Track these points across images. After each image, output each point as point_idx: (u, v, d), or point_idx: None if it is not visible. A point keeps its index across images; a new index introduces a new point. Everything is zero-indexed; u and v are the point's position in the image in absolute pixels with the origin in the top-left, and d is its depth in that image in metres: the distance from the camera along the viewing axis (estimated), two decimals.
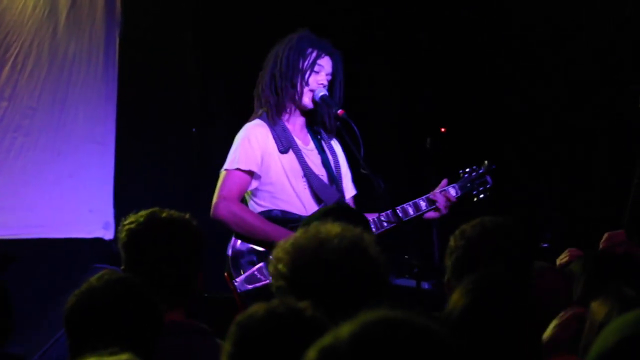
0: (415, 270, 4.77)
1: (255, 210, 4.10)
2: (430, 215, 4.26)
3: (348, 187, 4.31)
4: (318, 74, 4.14)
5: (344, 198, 4.21)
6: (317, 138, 4.26)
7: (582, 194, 5.62)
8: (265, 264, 3.92)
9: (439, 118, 6.03)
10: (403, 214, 4.14)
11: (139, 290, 2.32)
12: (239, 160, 4.07)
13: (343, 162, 4.31)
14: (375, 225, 4.07)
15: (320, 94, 4.13)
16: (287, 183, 4.11)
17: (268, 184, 4.10)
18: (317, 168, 4.19)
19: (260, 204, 4.11)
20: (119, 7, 5.69)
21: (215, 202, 4.05)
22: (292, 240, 2.19)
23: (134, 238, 2.71)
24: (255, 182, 4.10)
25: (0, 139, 5.36)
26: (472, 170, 4.43)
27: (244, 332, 1.78)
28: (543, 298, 2.67)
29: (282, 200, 4.10)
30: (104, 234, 5.58)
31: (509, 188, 4.44)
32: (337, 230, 2.17)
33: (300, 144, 4.19)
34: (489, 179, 4.44)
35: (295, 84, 4.12)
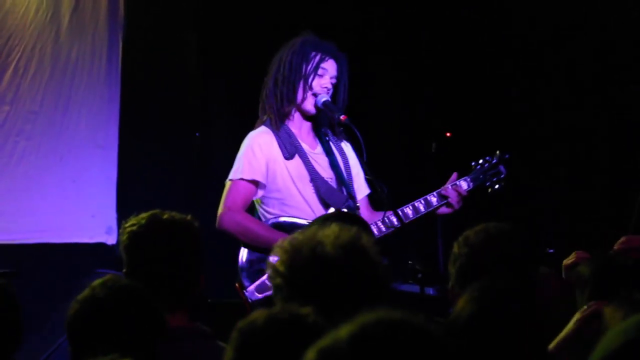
0: (420, 276, 4.75)
1: (265, 218, 4.08)
2: (443, 211, 4.21)
3: (361, 187, 4.26)
4: (322, 78, 4.10)
5: (353, 201, 4.15)
6: (325, 140, 4.21)
7: (582, 194, 5.61)
8: None
9: (442, 120, 6.02)
10: (404, 217, 4.11)
11: (141, 297, 2.32)
12: (243, 170, 4.05)
13: (354, 163, 4.25)
14: (378, 229, 4.06)
15: (323, 100, 4.09)
16: (294, 189, 4.07)
17: (275, 191, 4.08)
18: (324, 171, 4.14)
19: (270, 212, 4.08)
20: (122, 10, 5.67)
21: (220, 213, 4.04)
22: (290, 240, 2.19)
23: (136, 240, 2.71)
24: (262, 190, 4.08)
25: (3, 144, 5.35)
26: (484, 162, 4.36)
27: (245, 337, 1.78)
28: (546, 305, 2.66)
29: (290, 207, 4.07)
30: (107, 239, 5.56)
31: (509, 188, 4.40)
32: (335, 230, 2.18)
33: (307, 148, 4.15)
34: (503, 169, 4.36)
35: (298, 89, 4.09)
